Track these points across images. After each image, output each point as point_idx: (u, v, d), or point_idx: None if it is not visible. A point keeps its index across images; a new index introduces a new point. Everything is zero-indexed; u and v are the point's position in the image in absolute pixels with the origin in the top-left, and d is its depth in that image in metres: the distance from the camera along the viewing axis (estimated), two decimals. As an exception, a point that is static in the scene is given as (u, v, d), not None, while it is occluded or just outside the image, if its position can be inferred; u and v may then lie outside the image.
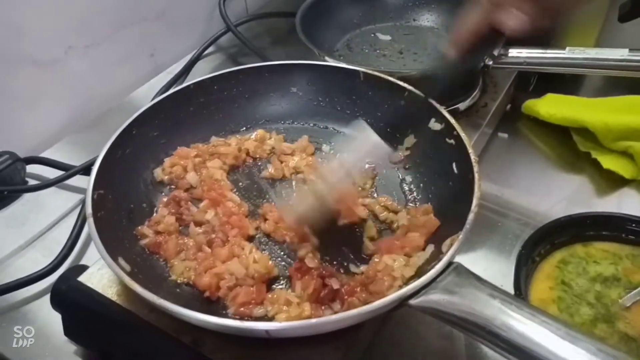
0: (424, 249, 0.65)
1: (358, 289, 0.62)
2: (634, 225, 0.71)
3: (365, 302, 0.60)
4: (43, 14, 0.91)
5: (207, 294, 0.62)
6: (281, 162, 0.80)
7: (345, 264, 0.67)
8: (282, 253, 0.69)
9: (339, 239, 0.69)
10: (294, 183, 0.78)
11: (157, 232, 0.69)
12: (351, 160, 0.66)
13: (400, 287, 0.60)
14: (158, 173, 0.76)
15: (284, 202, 0.73)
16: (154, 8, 1.10)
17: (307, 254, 0.66)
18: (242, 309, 0.60)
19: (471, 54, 0.56)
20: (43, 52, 0.93)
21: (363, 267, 0.65)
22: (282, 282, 0.65)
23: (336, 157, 0.68)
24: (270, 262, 0.65)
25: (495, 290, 0.52)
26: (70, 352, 0.67)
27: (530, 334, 0.48)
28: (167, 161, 0.77)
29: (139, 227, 0.69)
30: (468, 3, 0.52)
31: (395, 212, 0.72)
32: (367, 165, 0.72)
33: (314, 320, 0.54)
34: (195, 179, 0.75)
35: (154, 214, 0.72)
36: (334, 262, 0.67)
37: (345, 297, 0.61)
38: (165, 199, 0.73)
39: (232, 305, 0.61)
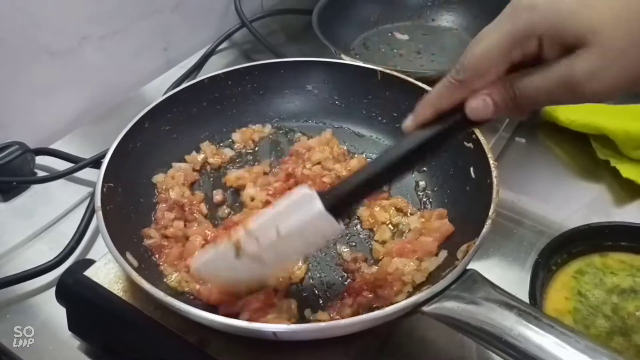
0: (436, 255, 0.64)
1: (366, 289, 0.61)
2: (653, 236, 0.70)
3: (372, 305, 0.59)
4: (58, 3, 0.90)
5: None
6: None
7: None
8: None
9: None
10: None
11: (164, 236, 0.67)
12: (288, 224, 0.53)
13: (410, 293, 0.60)
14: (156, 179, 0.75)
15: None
16: (169, 1, 1.09)
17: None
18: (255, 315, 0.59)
19: (432, 130, 0.50)
20: (57, 42, 0.93)
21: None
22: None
23: (269, 211, 0.55)
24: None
25: (512, 299, 0.51)
26: (74, 347, 0.66)
27: (548, 347, 0.47)
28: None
29: (146, 229, 0.67)
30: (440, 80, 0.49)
31: (407, 215, 0.71)
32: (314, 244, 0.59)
33: (322, 324, 0.53)
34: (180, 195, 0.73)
35: (157, 212, 0.71)
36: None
37: (354, 295, 0.60)
38: (164, 204, 0.71)
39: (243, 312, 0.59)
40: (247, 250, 0.53)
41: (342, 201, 0.52)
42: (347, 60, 0.86)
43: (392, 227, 0.70)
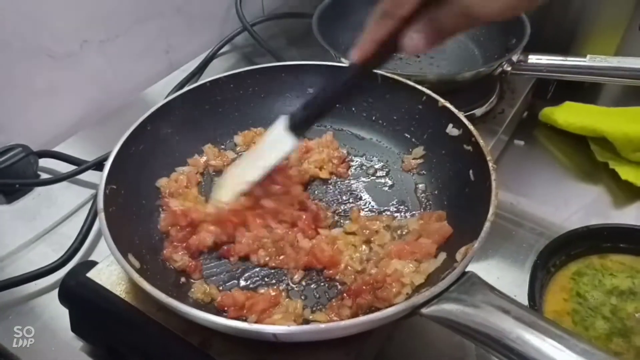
0: (435, 256, 0.64)
1: (365, 290, 0.61)
2: (651, 238, 0.70)
3: (372, 306, 0.60)
4: (59, 7, 0.91)
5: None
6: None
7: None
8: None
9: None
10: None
11: (191, 255, 0.67)
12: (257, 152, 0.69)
13: (409, 294, 0.60)
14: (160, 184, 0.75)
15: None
16: (171, 5, 1.10)
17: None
18: (262, 316, 0.60)
19: (376, 60, 0.57)
20: (59, 46, 0.93)
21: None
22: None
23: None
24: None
25: (510, 302, 0.51)
26: (77, 348, 0.67)
27: (546, 349, 0.47)
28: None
29: (165, 252, 0.67)
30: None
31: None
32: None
33: (322, 326, 0.53)
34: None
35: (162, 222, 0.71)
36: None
37: (354, 296, 0.60)
38: (171, 245, 0.68)
39: (251, 314, 0.60)
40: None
41: (304, 122, 0.65)
42: (347, 63, 0.86)
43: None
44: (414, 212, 0.72)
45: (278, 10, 1.31)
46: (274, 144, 0.67)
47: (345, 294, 0.61)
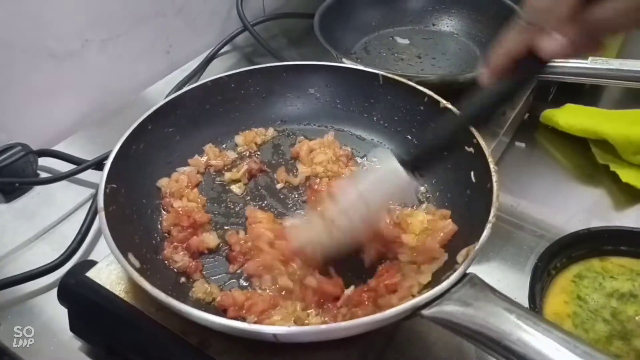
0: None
1: (366, 300, 0.61)
2: (652, 241, 0.70)
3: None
4: (61, 6, 0.91)
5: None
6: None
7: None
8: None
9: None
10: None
11: (191, 255, 0.67)
12: (375, 197, 0.59)
13: (413, 296, 0.59)
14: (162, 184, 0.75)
15: (295, 222, 0.68)
16: (172, 4, 1.10)
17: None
18: (262, 316, 0.59)
19: (510, 80, 0.51)
20: (60, 45, 0.93)
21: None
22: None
23: (356, 188, 0.60)
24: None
25: (511, 304, 0.51)
26: (76, 347, 0.67)
27: (546, 351, 0.47)
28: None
29: (165, 252, 0.67)
30: (507, 25, 0.48)
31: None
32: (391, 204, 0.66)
33: (323, 327, 0.53)
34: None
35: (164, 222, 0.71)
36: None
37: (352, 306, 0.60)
38: (171, 245, 0.68)
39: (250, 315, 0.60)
40: (341, 226, 0.59)
41: (422, 161, 0.57)
42: (348, 64, 0.86)
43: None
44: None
45: (279, 10, 1.31)
46: (389, 180, 0.58)
47: (341, 302, 0.61)
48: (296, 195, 0.77)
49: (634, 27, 0.44)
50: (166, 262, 0.66)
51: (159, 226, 0.70)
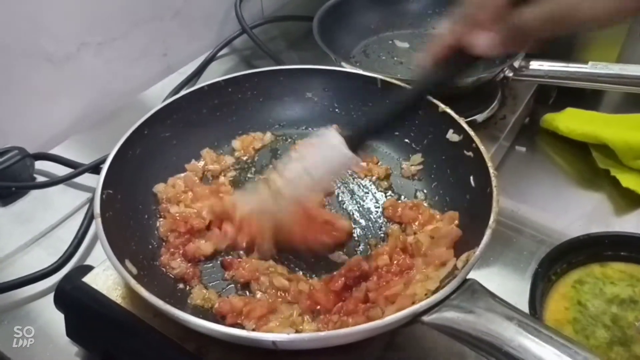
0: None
1: (357, 310, 0.60)
2: (652, 246, 0.70)
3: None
4: (57, 9, 0.90)
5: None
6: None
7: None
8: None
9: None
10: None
11: (188, 261, 0.67)
12: (318, 170, 0.62)
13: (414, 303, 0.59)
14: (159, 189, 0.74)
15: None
16: (170, 7, 1.09)
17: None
18: (260, 322, 0.59)
19: (449, 68, 0.55)
20: (56, 48, 0.93)
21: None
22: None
23: (300, 163, 0.64)
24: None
25: (512, 310, 0.50)
26: (72, 353, 0.66)
27: (547, 358, 0.46)
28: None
29: (162, 258, 0.66)
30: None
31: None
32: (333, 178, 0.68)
33: (322, 334, 0.53)
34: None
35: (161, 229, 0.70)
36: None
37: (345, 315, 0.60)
38: (169, 252, 0.67)
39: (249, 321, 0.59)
40: (286, 195, 0.63)
41: (361, 139, 0.61)
42: (347, 67, 0.85)
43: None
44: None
45: (277, 12, 1.31)
46: (331, 154, 0.62)
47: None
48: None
49: (552, 34, 0.47)
50: (163, 268, 0.65)
51: (156, 232, 0.69)
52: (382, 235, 0.71)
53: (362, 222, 0.72)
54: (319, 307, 0.61)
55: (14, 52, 0.87)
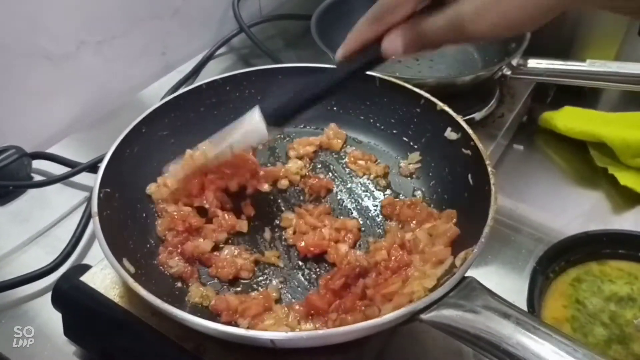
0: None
1: (356, 307, 0.60)
2: (650, 244, 0.70)
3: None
4: (56, 7, 0.90)
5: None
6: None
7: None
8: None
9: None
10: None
11: (186, 260, 0.66)
12: (239, 146, 0.68)
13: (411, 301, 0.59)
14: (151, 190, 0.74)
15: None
16: (169, 6, 1.09)
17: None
18: (255, 320, 0.59)
19: (360, 60, 0.56)
20: (55, 47, 0.92)
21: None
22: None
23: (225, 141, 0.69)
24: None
25: (510, 307, 0.50)
26: (70, 352, 0.66)
27: (545, 355, 0.46)
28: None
29: (160, 257, 0.66)
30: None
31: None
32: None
33: (321, 332, 0.53)
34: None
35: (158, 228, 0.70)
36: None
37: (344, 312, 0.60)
38: (166, 250, 0.67)
39: (244, 320, 0.59)
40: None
41: (280, 115, 0.64)
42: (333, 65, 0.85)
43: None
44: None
45: (275, 11, 1.31)
46: (247, 129, 0.66)
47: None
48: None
49: (454, 42, 0.49)
50: (161, 267, 0.65)
51: (153, 231, 0.69)
52: (381, 232, 0.71)
53: (361, 220, 0.72)
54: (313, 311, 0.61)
55: (12, 50, 0.87)
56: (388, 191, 0.76)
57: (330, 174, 0.79)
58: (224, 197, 0.72)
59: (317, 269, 0.67)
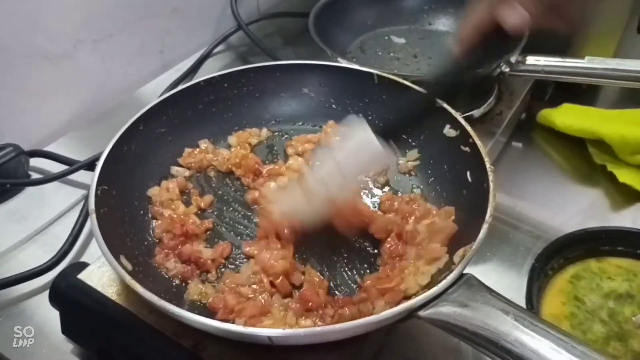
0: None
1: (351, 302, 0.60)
2: (649, 241, 0.70)
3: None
4: (53, 7, 0.90)
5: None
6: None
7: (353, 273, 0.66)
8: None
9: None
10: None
11: (183, 262, 0.66)
12: (350, 167, 0.61)
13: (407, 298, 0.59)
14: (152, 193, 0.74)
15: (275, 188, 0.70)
16: (166, 4, 1.09)
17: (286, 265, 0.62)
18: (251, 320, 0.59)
19: (478, 54, 0.54)
20: (52, 46, 0.92)
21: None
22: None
23: (332, 158, 0.62)
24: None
25: (508, 304, 0.50)
26: (67, 350, 0.66)
27: (544, 352, 0.46)
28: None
29: (157, 258, 0.66)
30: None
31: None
32: (366, 175, 0.67)
33: (318, 329, 0.53)
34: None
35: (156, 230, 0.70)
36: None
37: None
38: (163, 252, 0.67)
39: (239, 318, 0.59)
40: (318, 194, 0.61)
41: (395, 131, 0.59)
42: (343, 63, 0.85)
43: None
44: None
45: (273, 9, 1.31)
46: (363, 150, 0.59)
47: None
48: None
49: (586, 7, 0.46)
50: (159, 269, 0.65)
51: (151, 228, 0.69)
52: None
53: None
54: (311, 304, 0.60)
55: (10, 49, 0.86)
56: (386, 188, 0.76)
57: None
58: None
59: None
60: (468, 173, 0.68)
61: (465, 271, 0.54)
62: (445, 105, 0.72)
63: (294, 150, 0.80)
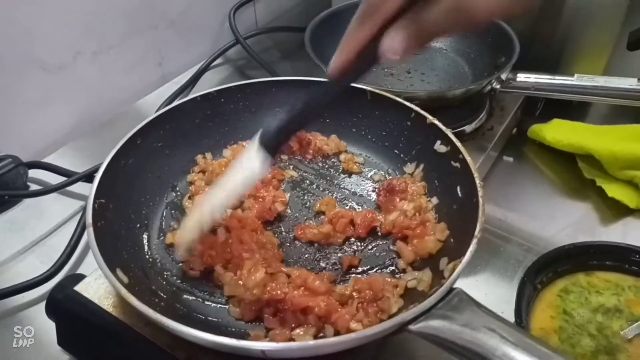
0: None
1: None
2: (637, 256, 0.71)
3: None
4: (52, 18, 0.91)
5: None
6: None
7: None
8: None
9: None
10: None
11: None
12: (230, 185, 0.63)
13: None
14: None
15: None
16: (165, 17, 1.10)
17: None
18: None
19: (353, 75, 0.54)
20: (51, 57, 0.93)
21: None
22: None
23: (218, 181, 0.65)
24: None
25: (497, 319, 0.51)
26: (63, 362, 0.66)
27: (531, 367, 0.47)
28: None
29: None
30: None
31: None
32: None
33: (311, 342, 0.53)
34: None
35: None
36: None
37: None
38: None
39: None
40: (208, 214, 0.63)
41: (277, 141, 0.60)
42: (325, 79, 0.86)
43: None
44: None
45: (271, 23, 1.32)
46: (246, 167, 0.62)
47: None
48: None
49: (454, 30, 0.47)
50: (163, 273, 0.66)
51: (145, 242, 0.70)
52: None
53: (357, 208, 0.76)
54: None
55: (8, 60, 0.87)
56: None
57: (324, 180, 0.81)
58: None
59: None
60: (458, 188, 0.69)
61: (456, 284, 0.55)
62: (436, 122, 0.73)
63: None
